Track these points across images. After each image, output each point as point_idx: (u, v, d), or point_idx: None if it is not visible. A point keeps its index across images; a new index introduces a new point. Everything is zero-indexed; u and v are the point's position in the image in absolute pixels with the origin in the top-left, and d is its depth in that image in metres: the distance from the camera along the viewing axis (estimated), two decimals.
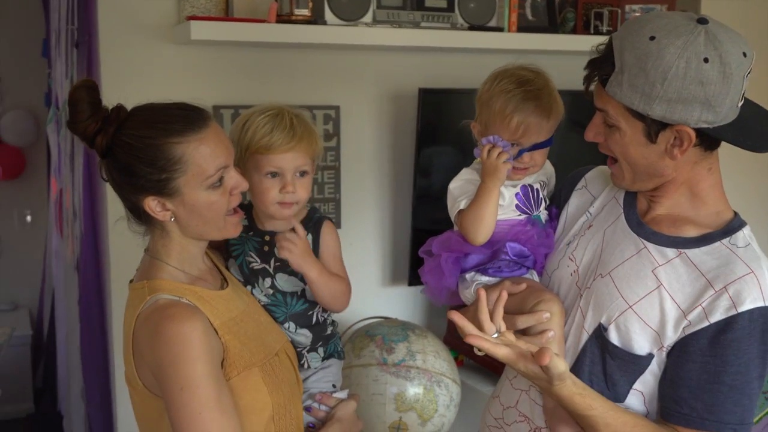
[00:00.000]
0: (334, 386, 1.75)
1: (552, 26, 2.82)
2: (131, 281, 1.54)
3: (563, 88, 2.86)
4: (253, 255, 1.67)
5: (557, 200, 1.70)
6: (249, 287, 1.67)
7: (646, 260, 1.44)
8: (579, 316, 1.50)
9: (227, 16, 2.42)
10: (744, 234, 1.44)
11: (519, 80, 1.57)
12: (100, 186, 2.50)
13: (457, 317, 1.36)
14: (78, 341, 2.81)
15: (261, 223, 1.67)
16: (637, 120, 1.38)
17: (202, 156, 1.42)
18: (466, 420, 2.48)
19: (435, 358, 2.35)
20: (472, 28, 2.61)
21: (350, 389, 1.85)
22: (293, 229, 1.60)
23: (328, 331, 1.75)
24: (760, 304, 1.35)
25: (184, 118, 1.44)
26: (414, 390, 2.28)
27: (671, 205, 1.48)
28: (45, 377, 4.30)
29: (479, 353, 1.40)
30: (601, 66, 1.40)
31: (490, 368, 2.67)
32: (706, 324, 1.36)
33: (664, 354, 1.42)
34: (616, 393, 1.46)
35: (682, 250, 1.43)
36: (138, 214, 1.50)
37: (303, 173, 1.62)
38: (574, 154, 1.76)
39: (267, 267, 1.66)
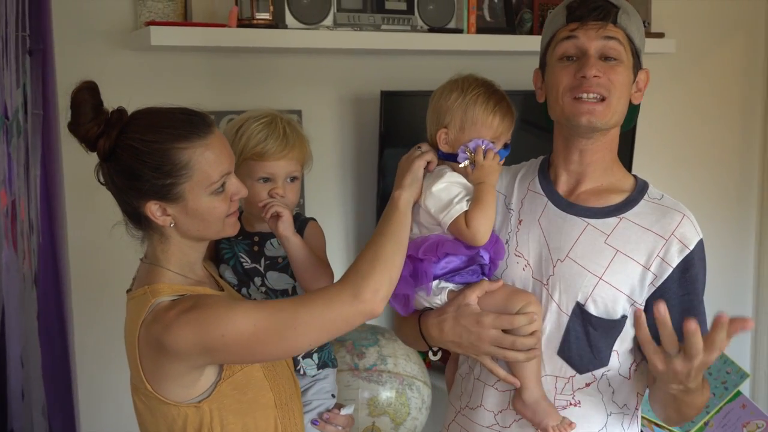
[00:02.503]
0: (333, 395, 1.78)
1: (510, 27, 2.85)
2: (128, 290, 1.52)
3: (521, 88, 2.89)
4: (244, 256, 1.68)
5: None
6: (244, 288, 1.68)
7: (595, 234, 1.56)
8: (552, 303, 1.56)
9: (186, 20, 2.38)
10: (653, 189, 1.62)
11: (485, 84, 1.63)
12: (58, 198, 2.44)
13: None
14: (38, 358, 2.73)
15: (250, 225, 1.70)
16: (631, 55, 1.54)
17: (208, 162, 1.42)
18: (438, 422, 2.48)
19: (406, 361, 2.35)
20: (432, 30, 2.62)
21: None
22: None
23: None
24: (698, 237, 1.55)
25: (189, 123, 1.43)
26: (386, 394, 2.27)
27: (602, 169, 1.60)
28: None
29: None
30: (607, 6, 1.52)
31: None
32: (670, 270, 1.53)
33: (635, 309, 1.54)
34: (601, 359, 1.56)
35: (620, 216, 1.57)
36: (137, 219, 1.48)
37: (293, 179, 1.66)
38: (528, 154, 1.79)
39: (258, 266, 1.68)
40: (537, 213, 1.62)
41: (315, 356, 1.76)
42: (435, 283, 1.60)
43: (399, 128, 2.66)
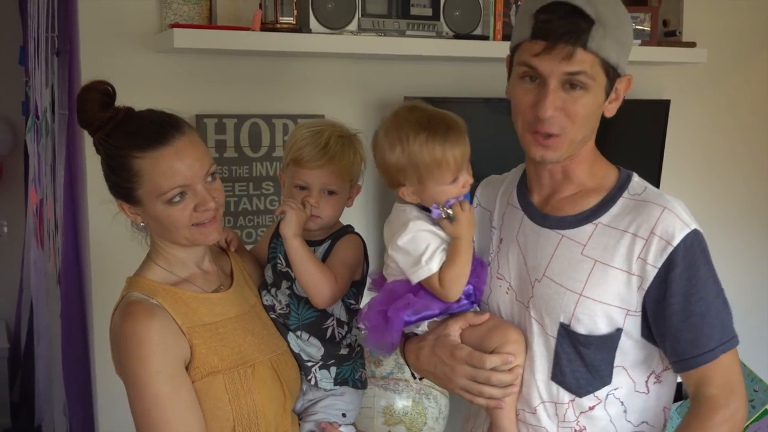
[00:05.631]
0: (344, 415, 1.69)
1: None
2: None
3: None
4: (281, 258, 1.68)
5: None
6: (274, 289, 1.68)
7: (571, 247, 1.46)
8: (536, 326, 1.48)
9: (210, 23, 2.39)
10: (636, 182, 1.49)
11: (420, 123, 1.48)
12: (81, 198, 2.46)
13: None
14: (60, 355, 2.75)
15: None
16: (604, 75, 1.40)
17: (159, 173, 1.44)
18: None
19: None
20: (458, 36, 2.59)
21: None
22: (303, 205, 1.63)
23: (343, 352, 1.70)
24: (688, 229, 1.40)
25: (150, 131, 1.45)
26: (403, 403, 2.26)
27: (578, 181, 1.50)
28: (22, 391, 4.22)
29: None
30: (577, 23, 1.34)
31: None
32: (654, 272, 1.39)
33: (633, 317, 1.43)
34: (601, 378, 1.46)
35: (595, 221, 1.46)
36: None
37: (331, 192, 1.63)
38: None
39: (290, 271, 1.66)
40: (515, 230, 1.54)
41: (332, 369, 1.68)
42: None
43: None
